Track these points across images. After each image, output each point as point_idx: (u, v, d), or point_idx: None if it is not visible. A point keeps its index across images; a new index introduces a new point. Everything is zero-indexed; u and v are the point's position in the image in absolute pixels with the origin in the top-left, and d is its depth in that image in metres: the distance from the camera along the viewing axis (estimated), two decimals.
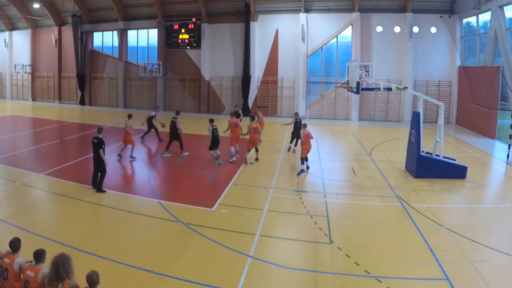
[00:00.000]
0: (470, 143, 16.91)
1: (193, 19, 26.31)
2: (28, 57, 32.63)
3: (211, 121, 13.09)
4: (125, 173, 12.38)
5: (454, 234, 7.53)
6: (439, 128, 11.47)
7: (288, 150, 14.99)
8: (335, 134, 19.53)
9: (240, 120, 19.08)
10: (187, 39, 26.70)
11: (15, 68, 32.98)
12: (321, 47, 24.18)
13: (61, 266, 4.16)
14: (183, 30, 26.74)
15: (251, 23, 24.60)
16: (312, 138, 12.10)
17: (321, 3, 23.75)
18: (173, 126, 13.74)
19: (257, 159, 13.42)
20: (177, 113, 14.32)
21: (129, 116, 14.03)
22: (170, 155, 13.86)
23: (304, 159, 12.02)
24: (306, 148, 11.96)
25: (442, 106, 11.74)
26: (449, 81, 22.46)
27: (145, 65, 27.06)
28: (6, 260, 4.66)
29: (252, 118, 13.61)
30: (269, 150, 15.14)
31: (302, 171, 11.97)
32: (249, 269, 6.18)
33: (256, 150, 13.51)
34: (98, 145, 9.73)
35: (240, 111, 20.00)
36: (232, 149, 13.33)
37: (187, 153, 14.05)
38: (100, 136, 9.90)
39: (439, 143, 11.46)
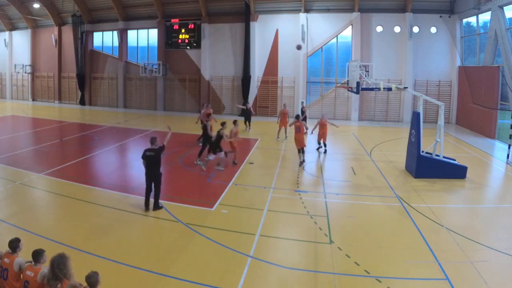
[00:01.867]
0: (470, 143, 16.90)
1: (193, 19, 26.33)
2: (28, 57, 32.63)
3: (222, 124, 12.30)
4: (125, 173, 12.37)
5: (454, 234, 7.53)
6: (439, 128, 11.46)
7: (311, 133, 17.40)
8: (335, 134, 19.52)
9: (305, 119, 18.26)
10: (187, 39, 26.69)
11: (15, 68, 32.99)
12: (321, 47, 24.17)
13: (56, 267, 4.17)
14: (183, 30, 26.73)
15: (251, 23, 24.60)
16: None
17: (321, 3, 23.74)
18: (205, 129, 12.73)
19: (303, 160, 12.74)
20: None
21: (223, 124, 12.35)
22: (207, 161, 12.33)
23: (320, 142, 14.95)
24: (324, 132, 14.85)
25: (442, 106, 11.74)
26: (449, 81, 22.46)
27: (145, 65, 27.04)
28: (6, 260, 4.66)
29: (297, 117, 13.22)
30: (269, 150, 15.15)
31: (321, 150, 14.92)
32: (249, 269, 6.18)
33: (303, 152, 12.72)
34: (156, 157, 8.76)
35: (305, 108, 19.29)
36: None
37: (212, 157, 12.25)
38: (155, 147, 8.89)
39: (439, 143, 11.45)
